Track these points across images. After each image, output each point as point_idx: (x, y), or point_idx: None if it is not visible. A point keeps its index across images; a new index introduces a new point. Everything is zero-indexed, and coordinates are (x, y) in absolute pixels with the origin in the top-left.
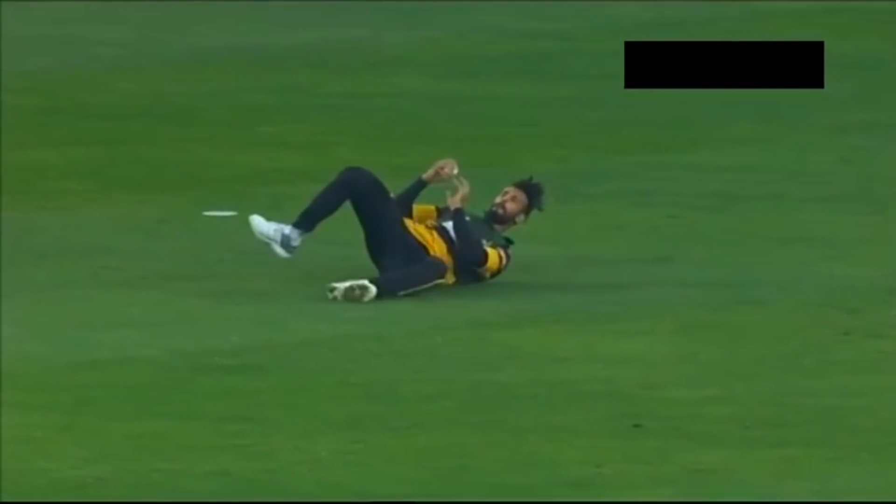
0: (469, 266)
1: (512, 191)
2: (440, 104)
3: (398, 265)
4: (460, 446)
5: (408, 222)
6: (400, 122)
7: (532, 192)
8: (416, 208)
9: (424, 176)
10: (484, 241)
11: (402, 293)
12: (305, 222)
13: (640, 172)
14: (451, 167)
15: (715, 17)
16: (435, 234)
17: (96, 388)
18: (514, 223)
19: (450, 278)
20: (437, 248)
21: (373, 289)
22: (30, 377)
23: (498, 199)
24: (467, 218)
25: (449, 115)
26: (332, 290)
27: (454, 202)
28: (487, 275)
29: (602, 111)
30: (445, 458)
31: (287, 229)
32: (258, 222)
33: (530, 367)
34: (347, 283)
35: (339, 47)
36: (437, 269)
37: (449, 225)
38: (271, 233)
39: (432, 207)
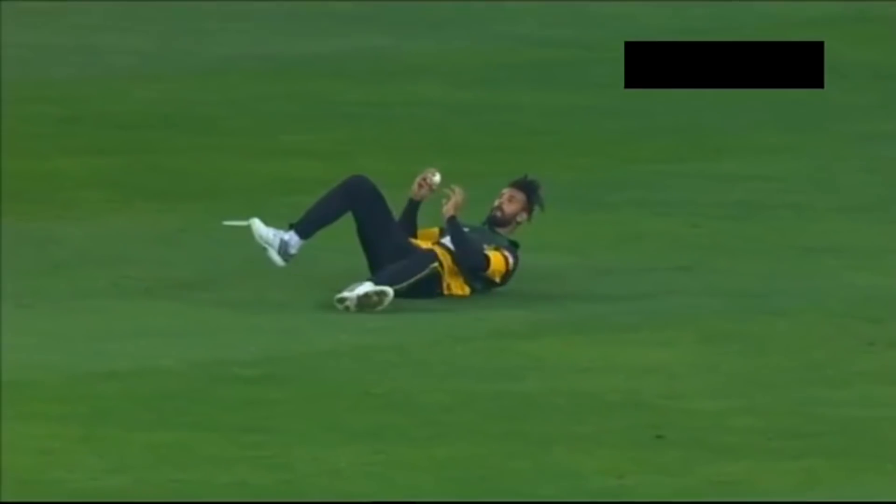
0: (474, 272)
1: (508, 191)
2: (461, 113)
3: None
4: (481, 457)
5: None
6: (420, 131)
7: (529, 190)
8: (421, 232)
9: (411, 194)
10: (485, 246)
11: (400, 285)
12: (304, 227)
13: (661, 181)
14: (433, 174)
15: (738, 24)
16: (436, 249)
17: (115, 398)
18: (517, 223)
19: (464, 288)
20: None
21: (390, 291)
22: (49, 387)
23: (495, 203)
24: (466, 229)
25: (469, 124)
26: (343, 300)
27: (448, 209)
28: (497, 278)
29: (623, 120)
30: (466, 468)
31: (286, 235)
32: (258, 226)
33: (551, 377)
34: (360, 291)
35: (360, 56)
36: (427, 257)
37: (448, 240)
38: (270, 237)
39: (436, 229)
